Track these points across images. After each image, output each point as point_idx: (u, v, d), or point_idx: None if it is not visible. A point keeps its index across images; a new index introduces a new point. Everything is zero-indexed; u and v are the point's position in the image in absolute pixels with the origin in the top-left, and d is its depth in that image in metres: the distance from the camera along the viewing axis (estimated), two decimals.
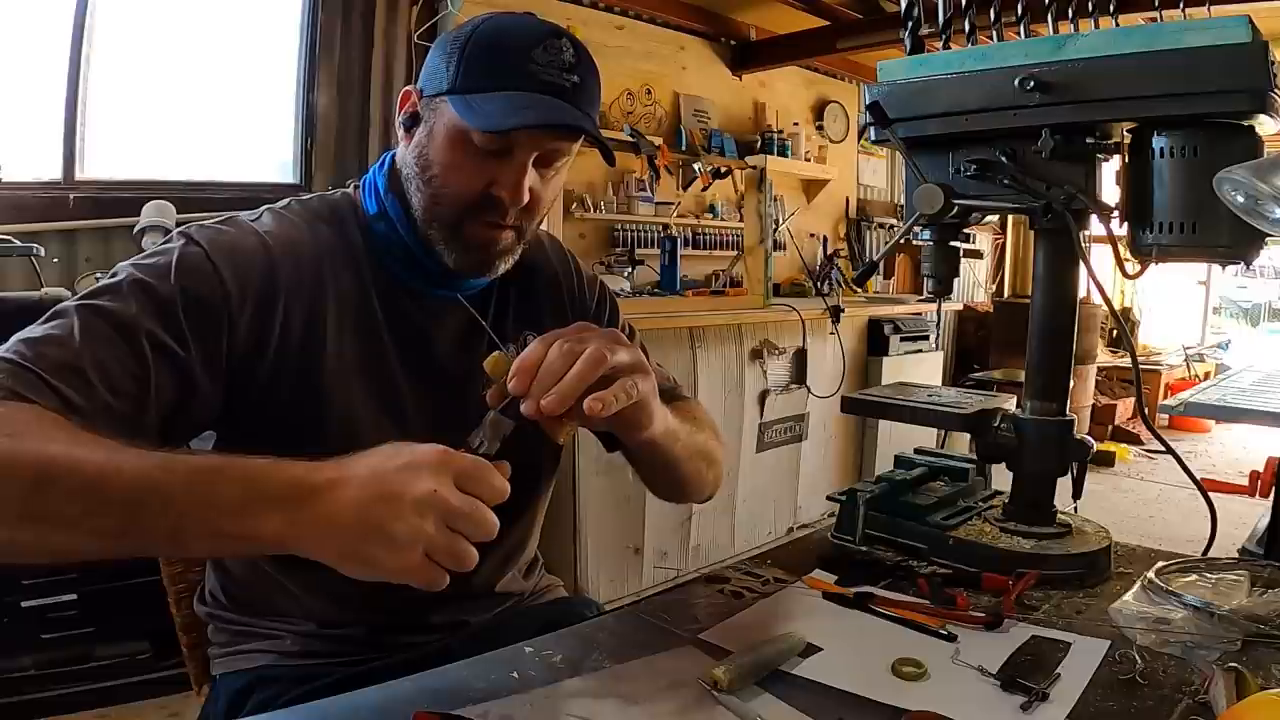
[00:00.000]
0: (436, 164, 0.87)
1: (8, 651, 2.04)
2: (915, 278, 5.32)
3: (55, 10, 2.58)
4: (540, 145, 0.86)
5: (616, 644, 0.75)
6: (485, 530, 0.60)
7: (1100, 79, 0.88)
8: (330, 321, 0.88)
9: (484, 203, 0.87)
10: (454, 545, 0.59)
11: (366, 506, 0.59)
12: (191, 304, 0.78)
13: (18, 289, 2.34)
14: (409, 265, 0.93)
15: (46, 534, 0.60)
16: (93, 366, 0.71)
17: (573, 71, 0.85)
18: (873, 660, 0.74)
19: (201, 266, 0.80)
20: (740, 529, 3.30)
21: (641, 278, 3.78)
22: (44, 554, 0.62)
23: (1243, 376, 2.30)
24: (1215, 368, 6.87)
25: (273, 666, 0.92)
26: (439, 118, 0.86)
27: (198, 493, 0.60)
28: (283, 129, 3.11)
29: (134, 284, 0.77)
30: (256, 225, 0.87)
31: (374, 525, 0.58)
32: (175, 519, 0.59)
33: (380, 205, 0.93)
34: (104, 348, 0.72)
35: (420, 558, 0.59)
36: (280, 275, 0.85)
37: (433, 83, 0.86)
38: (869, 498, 1.03)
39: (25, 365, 0.68)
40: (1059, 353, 0.99)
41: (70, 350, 0.70)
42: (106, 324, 0.73)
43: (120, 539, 0.60)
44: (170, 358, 0.76)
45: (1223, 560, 0.91)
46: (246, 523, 0.59)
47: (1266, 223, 0.80)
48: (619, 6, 4.02)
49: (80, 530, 0.60)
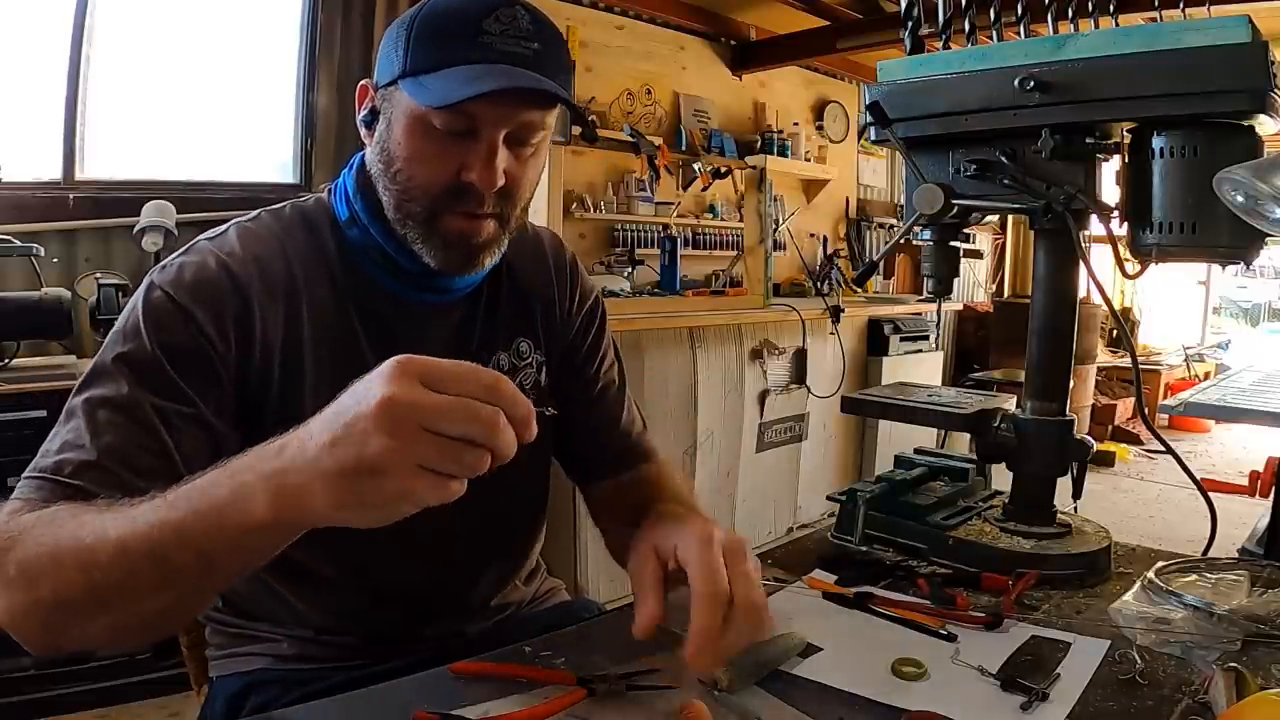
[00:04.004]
0: (399, 157, 0.81)
1: (8, 651, 2.03)
2: (915, 278, 5.32)
3: (55, 10, 2.58)
4: (508, 120, 0.79)
5: (617, 644, 0.75)
6: (480, 423, 0.52)
7: (1100, 79, 0.88)
8: (307, 336, 0.84)
9: (456, 191, 0.80)
10: (445, 448, 0.52)
11: (334, 441, 0.53)
12: (176, 357, 0.76)
13: (18, 289, 2.34)
14: (388, 270, 0.88)
15: (98, 614, 0.61)
16: (112, 459, 0.71)
17: (532, 39, 0.78)
18: (873, 660, 0.74)
19: (172, 315, 0.77)
20: (740, 529, 3.30)
21: (641, 278, 3.78)
22: (112, 637, 0.64)
23: (1243, 376, 2.30)
24: (1215, 368, 6.86)
25: (270, 670, 0.91)
26: (395, 107, 0.81)
27: (200, 509, 0.58)
28: (283, 129, 3.11)
29: (116, 360, 0.75)
30: (218, 248, 0.82)
31: (348, 457, 0.52)
32: (196, 546, 0.58)
33: (351, 210, 0.88)
34: (116, 436, 0.72)
35: (414, 475, 0.52)
36: (251, 297, 0.81)
37: (385, 72, 0.81)
38: (869, 498, 1.02)
39: (52, 479, 0.69)
40: (1059, 353, 0.99)
41: (86, 451, 0.71)
42: (109, 412, 0.72)
43: (164, 590, 0.60)
44: (182, 419, 0.75)
45: (1223, 560, 0.91)
46: (242, 509, 0.56)
47: (1266, 223, 0.80)
48: (619, 6, 4.02)
49: (128, 599, 0.60)
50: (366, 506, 0.53)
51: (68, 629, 0.63)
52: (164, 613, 0.63)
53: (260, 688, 0.89)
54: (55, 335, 2.30)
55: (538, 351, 0.99)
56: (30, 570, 0.62)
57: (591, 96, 3.85)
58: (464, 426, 0.52)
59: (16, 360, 2.27)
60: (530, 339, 0.99)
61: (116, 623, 0.62)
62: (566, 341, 1.03)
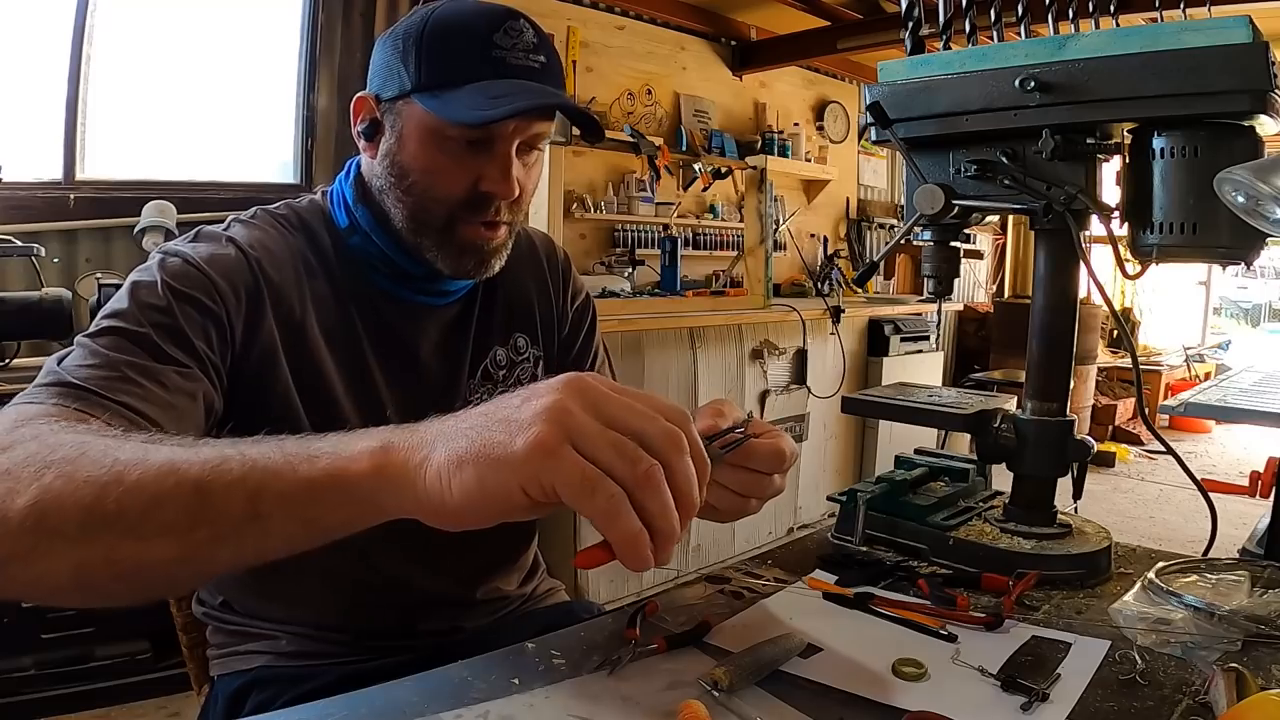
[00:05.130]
0: (414, 170, 0.83)
1: (8, 651, 2.04)
2: (915, 278, 5.32)
3: (55, 10, 2.58)
4: (523, 132, 0.82)
5: (617, 644, 0.75)
6: (674, 444, 0.48)
7: (1101, 79, 0.88)
8: (313, 323, 0.85)
9: (474, 201, 0.83)
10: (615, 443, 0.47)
11: (481, 422, 0.49)
12: (186, 307, 0.76)
13: (18, 289, 2.34)
14: (392, 277, 0.89)
15: (113, 545, 0.51)
16: (136, 372, 0.70)
17: (538, 52, 0.81)
18: (873, 660, 0.73)
19: (190, 273, 0.78)
20: (740, 529, 3.30)
21: (642, 278, 3.78)
22: (114, 574, 0.53)
23: (1243, 377, 2.29)
24: (1215, 368, 6.87)
25: (269, 667, 0.92)
26: (406, 121, 0.82)
27: (292, 451, 0.52)
28: (283, 129, 3.11)
29: (133, 301, 0.75)
30: (228, 234, 0.84)
31: (494, 440, 0.47)
32: (254, 485, 0.51)
33: (351, 218, 0.89)
34: (134, 356, 0.71)
35: (572, 461, 0.47)
36: (263, 278, 0.82)
37: (390, 84, 0.82)
38: (869, 498, 1.02)
39: (73, 384, 0.66)
40: (1059, 353, 0.99)
41: (108, 364, 0.69)
42: (125, 340, 0.72)
43: (181, 533, 0.51)
44: (192, 359, 0.75)
45: (1223, 561, 0.91)
46: (339, 459, 0.51)
47: (1266, 223, 0.80)
48: (619, 6, 4.02)
49: (147, 530, 0.51)
50: (482, 495, 0.48)
51: (26, 558, 0.51)
52: (151, 566, 0.53)
53: (260, 685, 0.90)
54: (55, 335, 2.30)
55: (534, 347, 1.01)
56: (16, 474, 0.52)
57: (592, 97, 3.85)
58: (638, 424, 0.49)
59: (17, 360, 2.27)
60: (527, 335, 1.00)
61: (87, 562, 0.52)
62: (561, 338, 1.04)
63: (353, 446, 0.52)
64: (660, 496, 0.48)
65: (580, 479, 0.47)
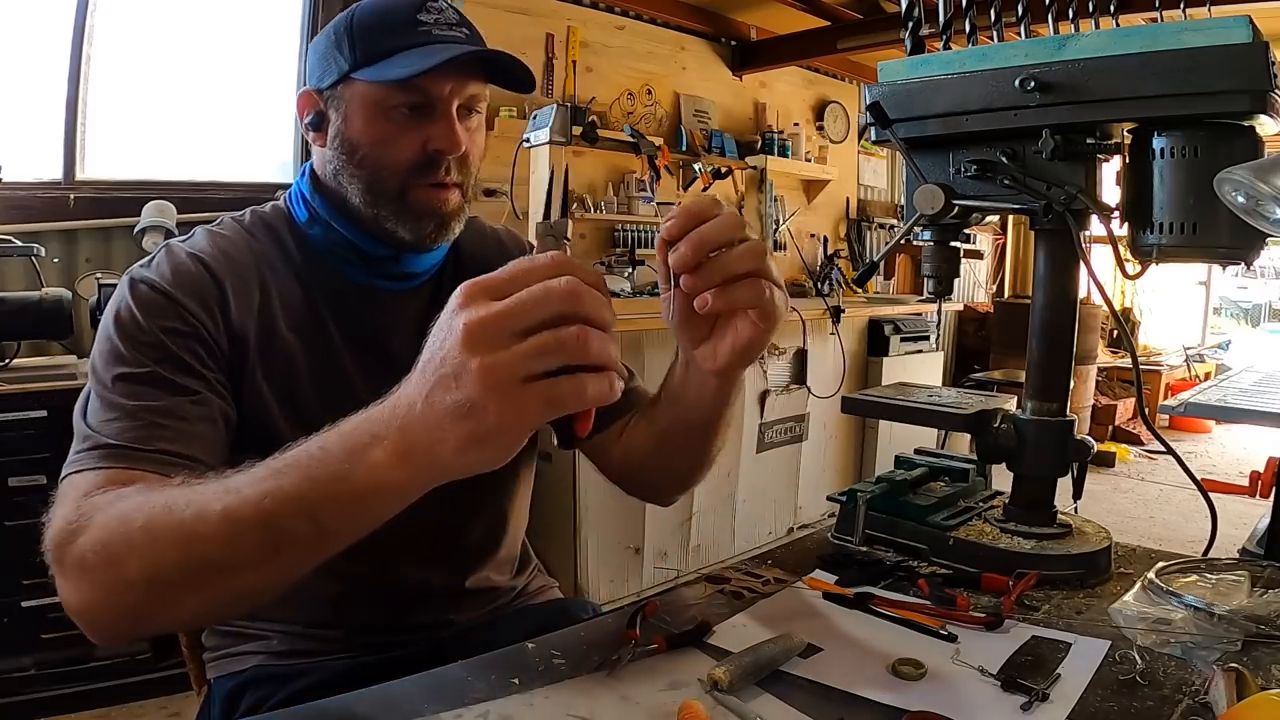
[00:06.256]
0: (364, 143, 0.87)
1: (8, 651, 2.04)
2: (915, 278, 5.32)
3: (55, 10, 2.58)
4: (460, 94, 0.87)
5: (617, 644, 0.75)
6: (558, 297, 0.50)
7: (1100, 79, 0.88)
8: (280, 325, 0.87)
9: (423, 164, 0.87)
10: (543, 343, 0.50)
11: (435, 386, 0.51)
12: (174, 337, 0.79)
13: (18, 289, 2.35)
14: (357, 261, 0.92)
15: (219, 584, 0.59)
16: (159, 415, 0.73)
17: (461, 26, 0.88)
18: (873, 660, 0.74)
19: (161, 304, 0.80)
20: (740, 529, 3.30)
21: (642, 278, 3.78)
22: (225, 604, 0.63)
23: (1243, 377, 2.29)
24: (1215, 368, 6.87)
25: (264, 666, 0.92)
26: (350, 101, 0.87)
27: (318, 475, 0.56)
28: (283, 129, 3.11)
29: (128, 344, 0.78)
30: (188, 247, 0.87)
31: (453, 399, 0.50)
32: (311, 512, 0.56)
33: (310, 209, 0.92)
34: (150, 399, 0.74)
35: (523, 390, 0.50)
36: (226, 285, 0.85)
37: (330, 73, 0.87)
38: (869, 498, 1.03)
39: (110, 445, 0.71)
40: (1059, 353, 0.99)
41: (130, 415, 0.73)
42: (136, 385, 0.75)
43: (269, 561, 0.58)
44: (193, 394, 0.78)
45: (1223, 561, 0.91)
46: (369, 475, 0.54)
47: (1266, 223, 0.80)
48: (619, 6, 4.02)
49: (229, 573, 0.58)
50: (489, 442, 0.51)
51: (155, 611, 0.61)
52: (258, 587, 0.61)
53: (255, 685, 0.90)
54: (55, 335, 2.30)
55: None
56: (113, 550, 0.59)
57: (592, 97, 3.85)
58: (543, 309, 0.50)
59: (17, 360, 2.27)
60: None
61: (208, 599, 0.61)
62: None
63: (370, 456, 0.54)
64: (590, 346, 0.51)
65: (544, 405, 0.51)
